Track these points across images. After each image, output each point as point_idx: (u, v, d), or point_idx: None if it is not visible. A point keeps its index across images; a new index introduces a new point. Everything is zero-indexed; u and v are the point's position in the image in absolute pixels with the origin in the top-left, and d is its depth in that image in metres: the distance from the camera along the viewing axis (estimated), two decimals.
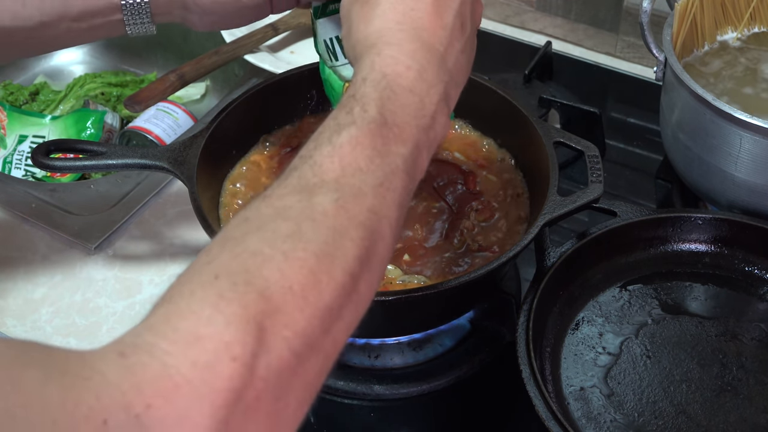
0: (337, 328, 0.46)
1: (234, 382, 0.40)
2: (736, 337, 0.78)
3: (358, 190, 0.49)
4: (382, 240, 0.49)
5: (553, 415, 0.67)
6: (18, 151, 1.14)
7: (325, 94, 0.79)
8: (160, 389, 0.38)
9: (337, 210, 0.47)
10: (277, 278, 0.43)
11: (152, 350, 0.39)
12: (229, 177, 0.87)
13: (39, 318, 0.88)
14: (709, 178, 0.87)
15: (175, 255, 0.94)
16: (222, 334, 0.40)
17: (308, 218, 0.47)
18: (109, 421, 0.36)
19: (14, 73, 1.30)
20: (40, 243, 0.95)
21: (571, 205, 0.76)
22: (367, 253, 0.48)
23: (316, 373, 0.45)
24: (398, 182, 0.51)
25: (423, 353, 0.83)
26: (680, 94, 0.86)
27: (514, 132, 0.87)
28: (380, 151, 0.51)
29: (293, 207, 0.47)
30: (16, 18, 0.74)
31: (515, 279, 0.88)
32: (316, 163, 0.50)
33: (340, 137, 0.50)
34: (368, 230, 0.48)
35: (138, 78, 1.28)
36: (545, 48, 1.15)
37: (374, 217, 0.49)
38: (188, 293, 0.43)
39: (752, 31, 0.97)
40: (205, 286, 0.43)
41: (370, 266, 0.48)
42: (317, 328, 0.44)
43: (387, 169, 0.50)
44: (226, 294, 0.42)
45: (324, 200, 0.48)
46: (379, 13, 0.57)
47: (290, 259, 0.44)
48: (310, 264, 0.45)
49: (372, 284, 0.49)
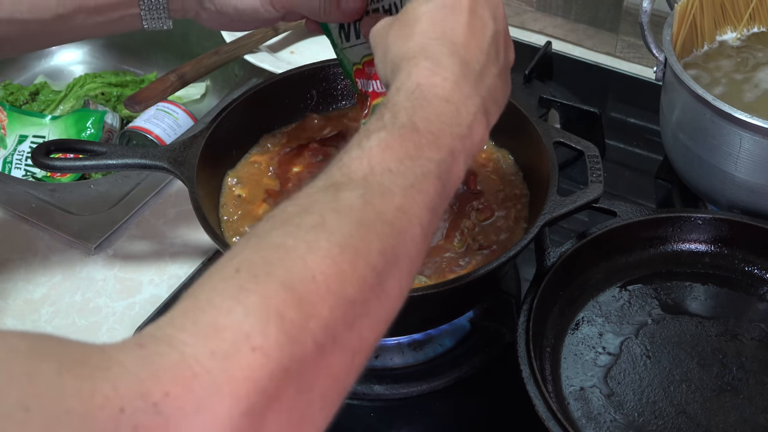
0: (362, 325, 0.45)
1: (255, 373, 0.39)
2: (736, 337, 0.78)
3: (387, 189, 0.49)
4: (411, 240, 0.49)
5: (553, 415, 0.67)
6: (18, 151, 1.14)
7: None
8: (178, 378, 0.38)
9: (363, 204, 0.47)
10: (300, 268, 0.43)
11: (171, 341, 0.39)
12: (229, 177, 0.87)
13: (39, 318, 0.88)
14: (709, 178, 0.87)
15: (175, 255, 0.94)
16: (241, 324, 0.40)
17: (333, 210, 0.47)
18: (126, 409, 0.36)
19: (14, 73, 1.30)
20: (40, 243, 0.95)
21: (571, 205, 0.76)
22: (393, 250, 0.47)
23: (342, 369, 0.44)
24: (430, 186, 0.51)
25: (423, 353, 0.83)
26: (680, 94, 0.86)
27: (514, 132, 0.87)
28: (411, 155, 0.51)
29: (318, 201, 0.47)
30: (34, 9, 0.74)
31: (515, 279, 0.88)
32: (344, 164, 0.50)
33: (370, 141, 0.51)
34: (395, 228, 0.48)
35: (138, 78, 1.28)
36: (545, 48, 1.15)
37: (403, 217, 0.49)
38: (209, 288, 0.42)
39: (751, 31, 0.97)
40: (226, 279, 0.43)
41: (398, 265, 0.48)
42: (340, 321, 0.43)
43: (418, 171, 0.50)
44: (246, 286, 0.42)
45: (350, 195, 0.48)
46: (418, 31, 0.58)
47: (313, 249, 0.44)
48: (334, 254, 0.44)
49: (401, 284, 0.48)
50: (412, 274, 0.50)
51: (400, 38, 0.58)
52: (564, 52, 1.20)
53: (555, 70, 1.16)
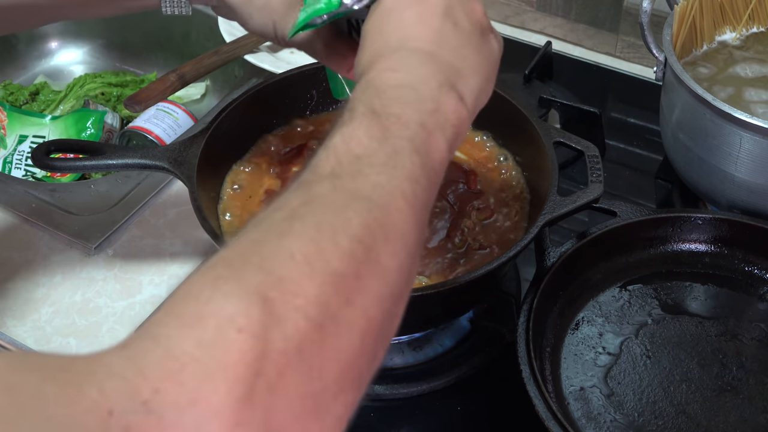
0: (364, 301, 0.43)
1: (246, 355, 0.38)
2: (736, 337, 0.78)
3: (357, 172, 0.48)
4: (397, 212, 0.47)
5: (553, 415, 0.67)
6: (18, 151, 1.14)
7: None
8: (165, 372, 0.36)
9: (334, 191, 0.46)
10: (274, 251, 0.42)
11: (155, 337, 0.38)
12: (229, 177, 0.87)
13: (39, 318, 0.88)
14: (709, 178, 0.88)
15: (175, 255, 0.94)
16: (222, 308, 0.39)
17: (303, 204, 0.46)
18: (115, 411, 0.35)
19: (14, 73, 1.30)
20: (40, 243, 0.95)
21: (571, 205, 0.76)
22: (377, 223, 0.46)
23: (352, 352, 0.42)
24: (406, 160, 0.50)
25: (423, 353, 0.83)
26: (680, 94, 0.86)
27: (514, 132, 0.87)
28: (377, 137, 0.50)
29: (289, 200, 0.47)
30: None
31: (515, 279, 0.88)
32: (313, 165, 0.49)
33: (333, 139, 0.50)
34: (375, 202, 0.46)
35: (138, 78, 1.28)
36: (545, 48, 1.15)
37: (381, 191, 0.47)
38: (186, 284, 0.42)
39: (750, 31, 0.97)
40: (203, 273, 0.42)
41: (388, 237, 0.46)
42: (333, 297, 0.42)
43: (389, 149, 0.49)
44: (222, 273, 0.41)
45: (320, 187, 0.47)
46: (368, 43, 0.58)
47: (286, 235, 0.43)
48: (310, 234, 0.43)
49: (397, 257, 0.47)
50: (409, 250, 0.48)
51: (359, 54, 0.59)
52: (564, 52, 1.20)
53: (555, 70, 1.16)
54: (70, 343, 0.86)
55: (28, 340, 0.86)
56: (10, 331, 0.87)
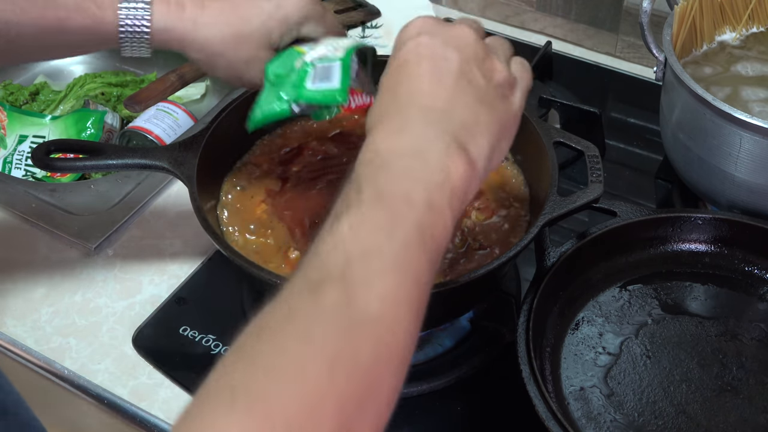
0: (362, 426, 0.45)
1: None
2: (736, 337, 0.78)
3: (366, 280, 0.47)
4: (404, 332, 0.47)
5: (553, 415, 0.67)
6: (18, 151, 1.14)
7: None
8: None
9: (348, 306, 0.46)
10: (296, 397, 0.43)
11: None
12: (229, 177, 0.87)
13: (39, 318, 0.88)
14: (709, 178, 0.88)
15: (175, 255, 0.94)
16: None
17: (315, 321, 0.45)
18: None
19: (14, 73, 1.30)
20: (40, 243, 0.95)
21: (571, 205, 0.76)
22: (386, 347, 0.46)
23: None
24: (413, 255, 0.49)
25: (423, 353, 0.83)
26: (680, 94, 0.86)
27: None
28: (386, 229, 0.49)
29: (300, 309, 0.46)
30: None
31: (515, 279, 0.88)
32: (320, 258, 0.48)
33: (340, 224, 0.49)
34: (384, 325, 0.46)
35: (138, 78, 1.28)
36: (545, 48, 1.15)
37: (390, 304, 0.47)
38: (198, 403, 0.43)
39: (750, 31, 0.97)
40: (216, 395, 0.43)
41: (391, 358, 0.47)
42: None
43: (397, 245, 0.48)
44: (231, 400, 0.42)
45: (330, 297, 0.46)
46: (379, 101, 0.57)
47: (304, 372, 0.44)
48: (324, 368, 0.44)
49: (398, 376, 0.47)
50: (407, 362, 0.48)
51: (372, 106, 0.58)
52: (564, 52, 1.20)
53: (555, 70, 1.16)
54: (70, 343, 0.86)
55: (28, 340, 0.87)
56: (10, 331, 0.87)
